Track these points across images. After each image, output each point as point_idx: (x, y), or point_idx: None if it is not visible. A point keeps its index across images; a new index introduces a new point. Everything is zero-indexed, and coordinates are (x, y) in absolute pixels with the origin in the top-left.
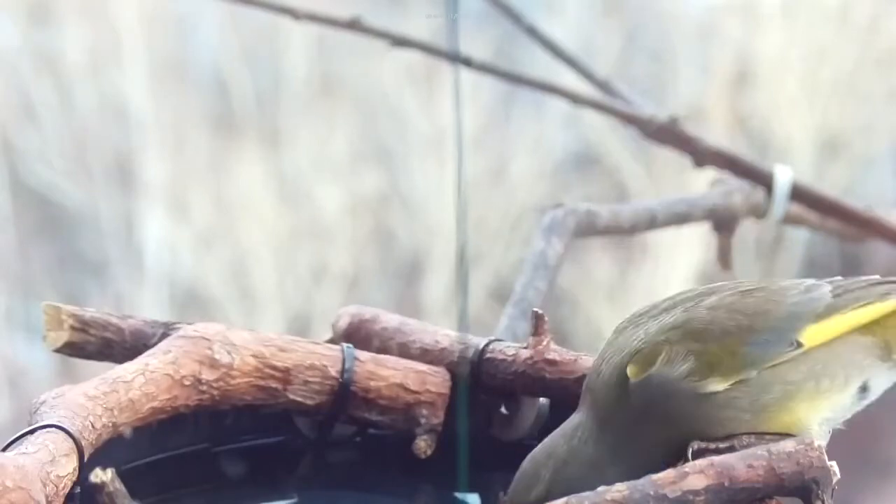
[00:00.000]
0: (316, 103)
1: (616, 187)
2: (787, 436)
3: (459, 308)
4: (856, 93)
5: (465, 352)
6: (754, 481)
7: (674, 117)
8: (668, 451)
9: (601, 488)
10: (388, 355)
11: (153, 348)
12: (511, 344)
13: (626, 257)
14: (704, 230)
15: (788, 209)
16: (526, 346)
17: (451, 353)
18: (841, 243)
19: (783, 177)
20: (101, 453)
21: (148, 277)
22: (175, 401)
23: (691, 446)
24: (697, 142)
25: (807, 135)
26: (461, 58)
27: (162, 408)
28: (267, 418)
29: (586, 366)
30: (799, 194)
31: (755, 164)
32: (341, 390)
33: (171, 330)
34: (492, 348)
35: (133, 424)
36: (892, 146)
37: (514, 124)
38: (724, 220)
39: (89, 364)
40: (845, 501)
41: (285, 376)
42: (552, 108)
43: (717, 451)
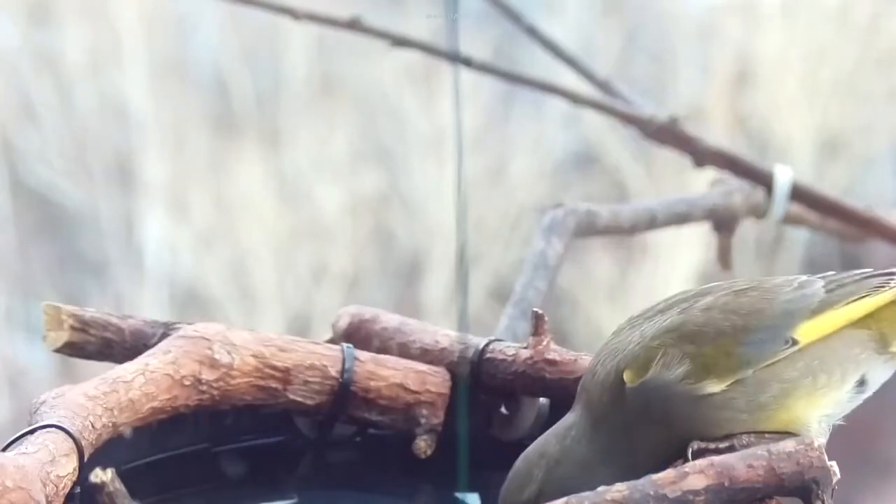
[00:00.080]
0: (316, 103)
1: (616, 187)
2: (787, 434)
3: (459, 308)
4: (856, 93)
5: (465, 352)
6: (754, 481)
7: (674, 117)
8: (664, 452)
9: (601, 488)
10: (388, 355)
11: (153, 348)
12: (511, 344)
13: (626, 257)
14: (704, 230)
15: (788, 209)
16: (526, 346)
17: (451, 353)
18: (841, 243)
19: (783, 177)
20: (101, 453)
21: (148, 277)
22: (175, 401)
23: (691, 446)
24: (697, 142)
25: (807, 135)
26: (461, 58)
27: (162, 408)
28: (267, 418)
29: (586, 366)
30: (799, 194)
31: (755, 164)
32: (341, 390)
33: (171, 330)
34: (492, 348)
35: (133, 424)
36: (892, 146)
37: (514, 124)
38: (724, 220)
39: (89, 364)
40: (845, 501)
41: (285, 376)
42: (552, 108)
43: (717, 450)
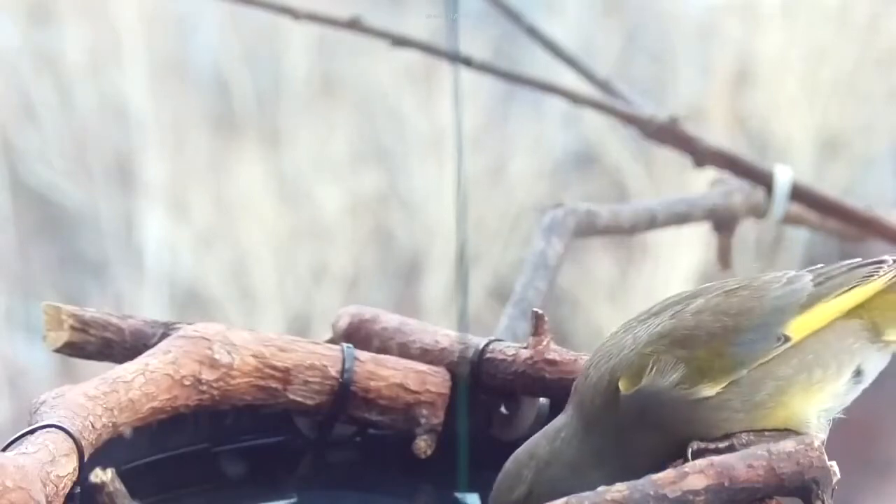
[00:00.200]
0: (316, 103)
1: (616, 187)
2: (786, 431)
3: (459, 308)
4: (856, 93)
5: (465, 352)
6: (754, 481)
7: (674, 117)
8: (659, 455)
9: (601, 488)
10: (388, 355)
11: (153, 348)
12: (511, 344)
13: (626, 257)
14: (704, 230)
15: (788, 209)
16: (526, 346)
17: (451, 353)
18: (841, 243)
19: (783, 177)
20: (101, 453)
21: (148, 277)
22: (175, 401)
23: (690, 446)
24: (697, 142)
25: (807, 135)
26: (461, 58)
27: (162, 408)
28: (267, 418)
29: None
30: (799, 194)
31: (755, 164)
32: (341, 390)
33: (171, 330)
34: (492, 348)
35: (133, 424)
36: (892, 146)
37: (514, 124)
38: (724, 220)
39: (89, 364)
40: (845, 501)
41: (285, 376)
42: (551, 108)
43: (717, 450)
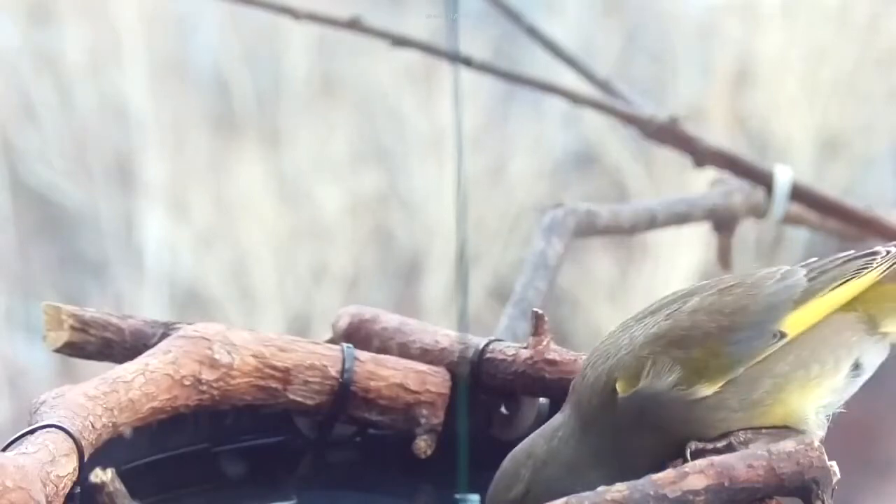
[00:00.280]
0: (316, 103)
1: (616, 187)
2: (784, 428)
3: (459, 308)
4: (856, 93)
5: (465, 352)
6: (754, 481)
7: (674, 117)
8: (657, 456)
9: (601, 488)
10: (388, 355)
11: (153, 348)
12: (511, 344)
13: (626, 257)
14: (704, 230)
15: (788, 209)
16: (526, 346)
17: (451, 353)
18: (841, 243)
19: (783, 177)
20: (101, 453)
21: (148, 277)
22: (175, 401)
23: (689, 446)
24: (697, 142)
25: (807, 135)
26: (461, 58)
27: (162, 408)
28: (267, 418)
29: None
30: (799, 194)
31: (755, 164)
32: (341, 390)
33: (171, 330)
34: (492, 348)
35: (133, 424)
36: (892, 146)
37: (513, 124)
38: (724, 220)
39: (89, 364)
40: (845, 501)
41: (285, 376)
42: (551, 108)
43: (715, 450)
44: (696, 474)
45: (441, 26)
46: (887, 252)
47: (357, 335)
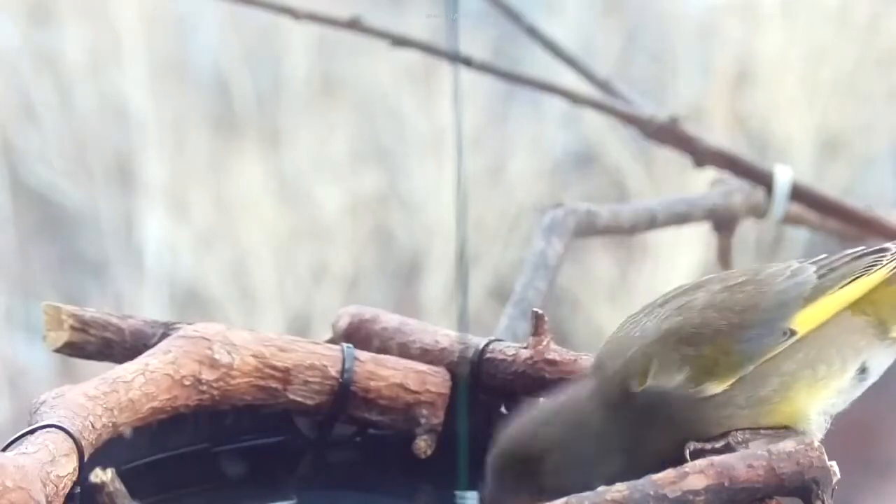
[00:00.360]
0: (316, 103)
1: (616, 187)
2: (785, 428)
3: (459, 308)
4: (856, 93)
5: (465, 352)
6: (754, 481)
7: (674, 117)
8: (668, 452)
9: (601, 488)
10: (388, 355)
11: (153, 348)
12: (511, 344)
13: (626, 257)
14: (704, 230)
15: (788, 209)
16: (526, 346)
17: (451, 353)
18: (841, 243)
19: (783, 177)
20: (101, 453)
21: (148, 277)
22: (175, 401)
23: (688, 446)
24: (697, 142)
25: (807, 135)
26: (461, 58)
27: (162, 408)
28: (267, 418)
29: (586, 366)
30: (799, 194)
31: (755, 164)
32: (341, 390)
33: (171, 330)
34: (492, 348)
35: (133, 424)
36: (892, 146)
37: (513, 124)
38: (724, 220)
39: (89, 364)
40: (845, 501)
41: (285, 376)
42: (551, 108)
43: (715, 450)
44: (696, 474)
45: (441, 26)
46: None
47: (357, 335)
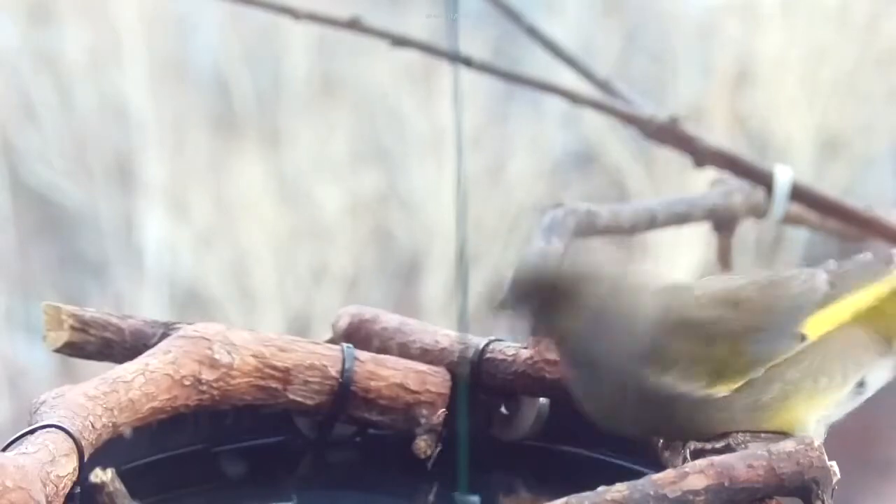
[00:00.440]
0: (316, 103)
1: (616, 187)
2: (782, 434)
3: (459, 308)
4: (856, 93)
5: (465, 352)
6: (754, 481)
7: (674, 117)
8: (659, 433)
9: (601, 488)
10: (388, 355)
11: (153, 348)
12: (511, 344)
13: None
14: (704, 230)
15: (788, 209)
16: (526, 346)
17: (451, 353)
18: (841, 243)
19: (783, 177)
20: (101, 453)
21: (148, 277)
22: (175, 401)
23: (688, 446)
24: (697, 142)
25: (807, 135)
26: (461, 58)
27: (162, 408)
28: (267, 418)
29: None
30: (799, 194)
31: (755, 164)
32: (341, 390)
33: (171, 330)
34: (492, 348)
35: (133, 424)
36: (892, 146)
37: (513, 123)
38: (724, 220)
39: (89, 364)
40: (845, 501)
41: (285, 376)
42: (551, 108)
43: (714, 450)
44: (696, 474)
45: (441, 26)
46: None
47: (357, 335)
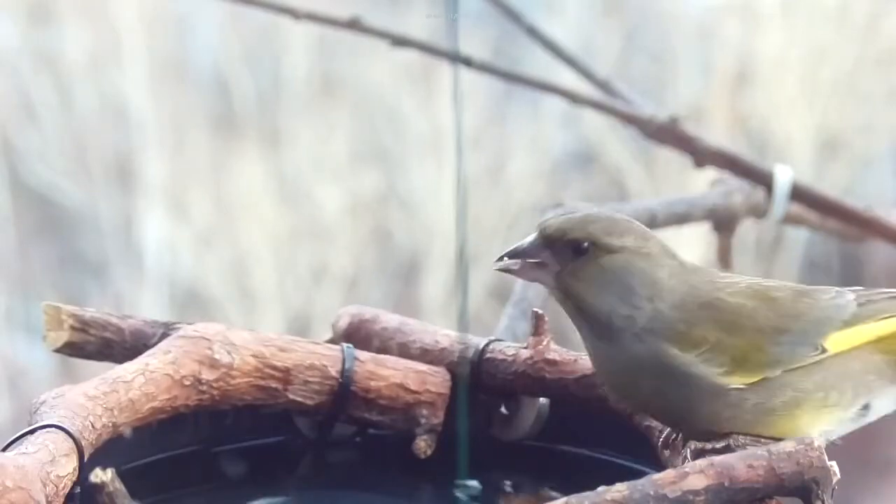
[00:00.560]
0: (316, 103)
1: (616, 187)
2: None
3: (459, 308)
4: (856, 93)
5: (465, 352)
6: (754, 481)
7: (674, 117)
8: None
9: (601, 488)
10: (388, 355)
11: (153, 348)
12: (511, 344)
13: None
14: (704, 230)
15: (788, 209)
16: (526, 346)
17: (451, 353)
18: (841, 243)
19: (783, 177)
20: (101, 453)
21: (148, 277)
22: (175, 401)
23: (688, 446)
24: (697, 142)
25: (807, 135)
26: (461, 57)
27: (162, 408)
28: (267, 418)
29: (586, 366)
30: (799, 194)
31: (755, 164)
32: (341, 390)
33: (171, 330)
34: (492, 348)
35: (133, 424)
36: (892, 146)
37: (512, 123)
38: (724, 220)
39: (89, 364)
40: (845, 501)
41: (285, 376)
42: (550, 108)
43: (714, 450)
44: (696, 474)
45: (441, 26)
46: None
47: (357, 335)
